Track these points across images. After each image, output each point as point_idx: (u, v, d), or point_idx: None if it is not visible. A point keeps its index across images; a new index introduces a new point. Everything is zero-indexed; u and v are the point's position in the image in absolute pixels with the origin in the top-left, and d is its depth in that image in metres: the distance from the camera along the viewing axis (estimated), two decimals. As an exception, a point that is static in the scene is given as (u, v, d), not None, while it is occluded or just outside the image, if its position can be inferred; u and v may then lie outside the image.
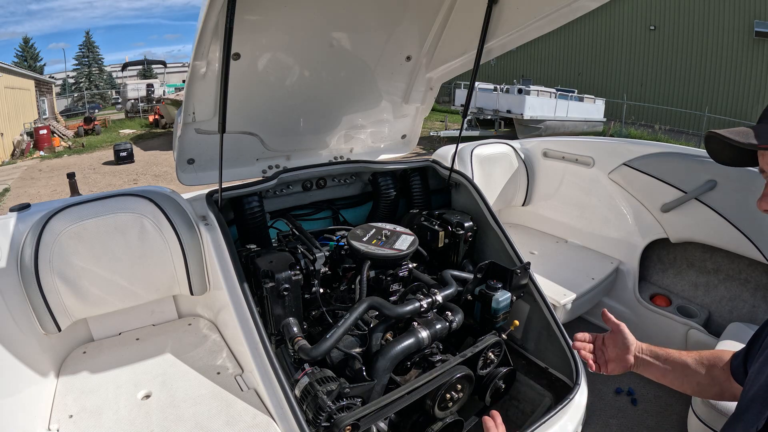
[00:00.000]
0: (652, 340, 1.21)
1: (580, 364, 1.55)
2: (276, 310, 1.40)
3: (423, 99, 2.12)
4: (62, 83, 33.31)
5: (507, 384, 1.52)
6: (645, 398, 2.37)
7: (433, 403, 1.29)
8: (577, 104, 15.55)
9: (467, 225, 1.88)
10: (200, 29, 1.20)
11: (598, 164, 2.84)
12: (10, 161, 13.20)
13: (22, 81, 18.46)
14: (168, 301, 1.84)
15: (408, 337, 1.34)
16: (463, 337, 1.60)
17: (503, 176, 3.01)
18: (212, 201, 1.63)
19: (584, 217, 2.96)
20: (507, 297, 1.55)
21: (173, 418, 1.28)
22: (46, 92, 22.78)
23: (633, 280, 2.76)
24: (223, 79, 1.26)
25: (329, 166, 1.94)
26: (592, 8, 1.40)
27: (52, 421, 1.29)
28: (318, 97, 1.84)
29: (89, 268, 1.52)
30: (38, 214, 1.49)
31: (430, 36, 1.81)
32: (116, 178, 10.44)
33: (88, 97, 29.34)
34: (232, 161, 1.84)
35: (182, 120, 1.58)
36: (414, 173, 2.17)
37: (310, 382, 1.19)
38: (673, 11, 18.62)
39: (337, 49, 1.67)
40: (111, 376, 1.49)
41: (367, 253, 1.55)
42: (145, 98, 21.49)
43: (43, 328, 1.48)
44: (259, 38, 1.48)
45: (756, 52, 16.84)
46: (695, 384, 1.09)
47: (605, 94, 18.25)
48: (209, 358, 1.58)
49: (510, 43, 1.65)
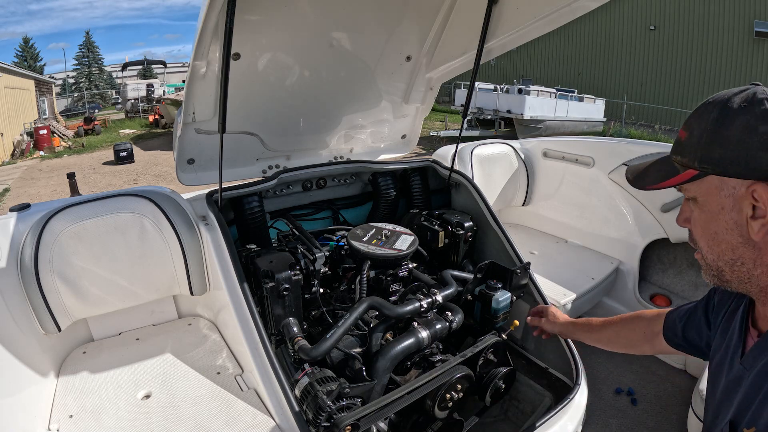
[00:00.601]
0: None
1: (580, 364, 1.55)
2: (276, 310, 1.40)
3: (423, 99, 2.12)
4: (62, 83, 33.32)
5: (507, 384, 1.52)
6: (645, 398, 2.37)
7: (433, 403, 1.28)
8: (577, 104, 15.55)
9: (467, 225, 1.88)
10: (200, 29, 1.20)
11: (598, 164, 2.84)
12: (10, 161, 13.20)
13: (22, 81, 18.46)
14: (168, 301, 1.84)
15: (408, 337, 1.34)
16: (463, 337, 1.60)
17: (503, 176, 3.01)
18: (212, 201, 1.63)
19: (584, 217, 2.96)
20: (507, 297, 1.55)
21: (173, 418, 1.28)
22: (46, 92, 22.78)
23: (633, 280, 2.76)
24: (223, 79, 1.26)
25: (329, 166, 1.94)
26: (592, 8, 1.40)
27: (52, 421, 1.29)
28: (318, 97, 1.84)
29: (89, 268, 1.52)
30: (38, 214, 1.50)
31: (430, 36, 1.81)
32: (116, 178, 10.45)
33: (88, 97, 29.35)
34: (232, 161, 1.84)
35: (182, 120, 1.58)
36: (414, 173, 2.17)
37: (310, 382, 1.19)
38: (673, 11, 18.62)
39: (337, 49, 1.67)
40: (111, 376, 1.49)
41: (367, 253, 1.55)
42: (145, 98, 21.50)
43: (43, 328, 1.48)
44: (259, 38, 1.48)
45: (756, 52, 16.84)
46: (624, 340, 1.30)
47: (605, 94, 18.24)
48: (209, 358, 1.58)
49: (510, 43, 1.65)
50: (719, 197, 0.73)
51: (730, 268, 0.76)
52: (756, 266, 0.73)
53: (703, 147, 0.72)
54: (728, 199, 0.72)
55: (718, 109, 0.72)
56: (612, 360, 2.60)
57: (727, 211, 0.73)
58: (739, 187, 0.70)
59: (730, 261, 0.75)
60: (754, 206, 0.69)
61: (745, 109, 0.69)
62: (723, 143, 0.70)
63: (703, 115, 0.74)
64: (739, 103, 0.70)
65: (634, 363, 2.57)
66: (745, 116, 0.68)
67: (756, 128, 0.67)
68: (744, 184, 0.70)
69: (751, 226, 0.70)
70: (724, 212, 0.73)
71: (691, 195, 0.79)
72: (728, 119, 0.70)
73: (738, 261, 0.74)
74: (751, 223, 0.70)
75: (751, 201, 0.69)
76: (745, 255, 0.73)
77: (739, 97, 0.71)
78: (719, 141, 0.71)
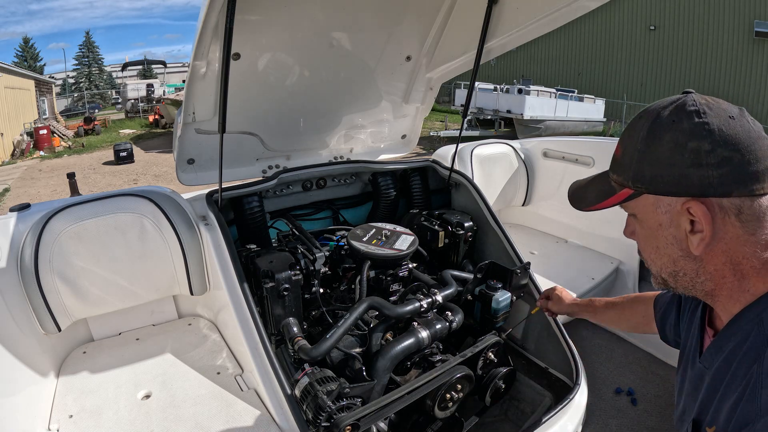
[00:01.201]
0: (652, 340, 1.23)
1: (580, 364, 1.55)
2: (276, 310, 1.40)
3: (423, 99, 2.12)
4: (62, 83, 33.31)
5: (507, 384, 1.52)
6: (645, 398, 2.37)
7: (433, 403, 1.28)
8: (577, 104, 15.55)
9: (467, 225, 1.88)
10: (200, 29, 1.20)
11: (598, 164, 2.84)
12: (10, 161, 13.19)
13: (22, 81, 18.45)
14: (168, 301, 1.84)
15: (408, 337, 1.34)
16: (463, 337, 1.60)
17: (503, 176, 3.01)
18: (212, 201, 1.63)
19: (584, 217, 2.95)
20: (507, 297, 1.55)
21: (173, 418, 1.28)
22: (46, 92, 22.77)
23: (633, 280, 2.76)
24: (223, 79, 1.26)
25: (329, 166, 1.94)
26: (592, 8, 1.40)
27: (52, 421, 1.29)
28: (318, 97, 1.84)
29: (89, 268, 1.52)
30: (38, 214, 1.50)
31: (430, 36, 1.81)
32: (116, 178, 10.44)
33: (88, 97, 29.34)
34: (232, 161, 1.84)
35: (182, 120, 1.58)
36: (414, 173, 2.17)
37: (310, 382, 1.19)
38: (673, 11, 18.62)
39: (337, 49, 1.67)
40: (111, 376, 1.49)
41: (367, 253, 1.55)
42: (145, 98, 21.49)
43: (43, 328, 1.48)
44: (259, 38, 1.48)
45: (756, 52, 16.85)
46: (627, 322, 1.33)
47: (605, 94, 18.25)
48: (209, 358, 1.58)
49: (510, 43, 1.65)
50: (656, 214, 0.73)
51: (673, 279, 0.77)
52: (699, 275, 0.73)
53: (635, 166, 0.72)
54: (665, 215, 0.72)
55: (647, 126, 0.70)
56: (612, 360, 2.60)
57: (665, 227, 0.72)
58: (674, 204, 0.70)
59: (672, 272, 0.76)
60: (692, 221, 0.69)
61: (673, 124, 0.67)
62: (653, 162, 0.69)
63: (633, 132, 0.73)
64: (667, 118, 0.68)
65: (634, 363, 2.57)
66: (673, 133, 0.67)
67: (685, 145, 0.66)
68: (679, 201, 0.69)
69: (691, 240, 0.70)
70: (662, 228, 0.73)
71: (630, 212, 0.79)
72: (657, 137, 0.69)
73: (680, 272, 0.75)
74: (690, 238, 0.70)
75: (687, 216, 0.69)
76: (686, 266, 0.73)
77: (668, 110, 0.69)
78: (649, 160, 0.70)
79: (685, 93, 0.71)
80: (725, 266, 0.70)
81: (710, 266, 0.71)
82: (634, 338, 2.72)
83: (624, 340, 2.74)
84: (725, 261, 0.70)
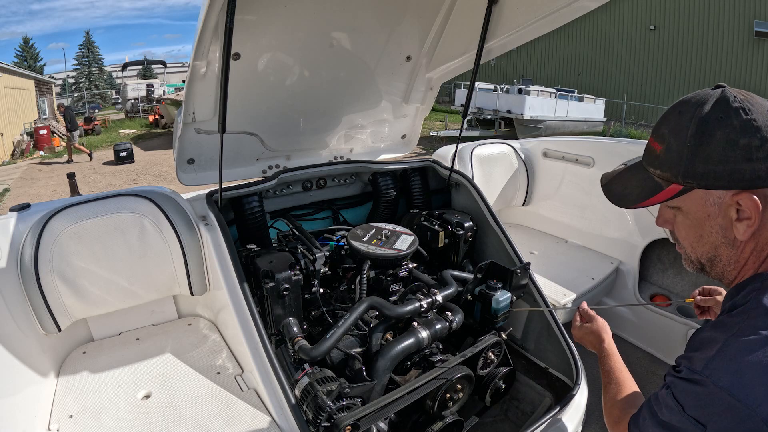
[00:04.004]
0: (651, 341, 1.22)
1: (580, 364, 1.55)
2: (276, 310, 1.40)
3: (423, 99, 2.12)
4: (62, 83, 33.32)
5: (507, 384, 1.52)
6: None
7: (433, 403, 1.28)
8: (577, 104, 15.56)
9: (467, 225, 1.88)
10: (200, 29, 1.20)
11: (598, 164, 2.84)
12: (10, 161, 13.19)
13: (22, 81, 18.44)
14: (168, 301, 1.84)
15: (408, 337, 1.34)
16: (463, 337, 1.60)
17: (503, 176, 3.01)
18: (212, 201, 1.63)
19: (584, 217, 2.96)
20: (507, 297, 1.55)
21: (173, 418, 1.28)
22: (46, 92, 22.76)
23: (633, 280, 2.76)
24: (223, 79, 1.26)
25: (329, 166, 1.94)
26: (592, 8, 1.40)
27: (52, 421, 1.29)
28: (318, 97, 1.84)
29: (89, 268, 1.52)
30: (38, 214, 1.49)
31: (430, 36, 1.81)
32: (116, 178, 10.44)
33: (88, 97, 29.32)
34: (232, 161, 1.84)
35: (182, 120, 1.58)
36: (414, 173, 2.17)
37: (310, 382, 1.19)
38: (673, 11, 18.62)
39: (337, 49, 1.67)
40: (111, 376, 1.49)
41: (367, 253, 1.55)
42: (145, 98, 21.49)
43: (43, 328, 1.48)
44: (259, 38, 1.48)
45: (756, 52, 16.84)
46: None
47: (605, 94, 18.25)
48: (209, 358, 1.58)
49: (510, 43, 1.65)
50: (705, 207, 0.77)
51: (710, 264, 0.83)
52: (730, 263, 0.80)
53: (685, 163, 0.75)
54: (714, 207, 0.76)
55: (695, 124, 0.73)
56: (612, 360, 2.60)
57: (713, 217, 0.77)
58: (724, 197, 0.74)
59: (711, 258, 0.82)
60: (738, 210, 0.73)
61: (722, 121, 0.71)
62: (706, 159, 0.73)
63: (679, 129, 0.75)
64: (715, 116, 0.72)
65: (634, 363, 2.57)
66: (724, 130, 0.71)
67: (737, 142, 0.70)
68: (728, 193, 0.74)
69: (737, 227, 0.74)
70: (710, 219, 0.78)
71: (674, 205, 0.82)
72: (707, 134, 0.72)
73: (717, 258, 0.81)
74: (736, 225, 0.74)
75: (735, 206, 0.74)
76: (723, 253, 0.79)
77: (713, 107, 0.72)
78: (702, 157, 0.73)
79: (719, 87, 0.75)
80: (752, 254, 0.76)
81: (746, 252, 0.77)
82: (634, 338, 2.72)
83: (624, 340, 2.74)
84: (753, 248, 0.76)
